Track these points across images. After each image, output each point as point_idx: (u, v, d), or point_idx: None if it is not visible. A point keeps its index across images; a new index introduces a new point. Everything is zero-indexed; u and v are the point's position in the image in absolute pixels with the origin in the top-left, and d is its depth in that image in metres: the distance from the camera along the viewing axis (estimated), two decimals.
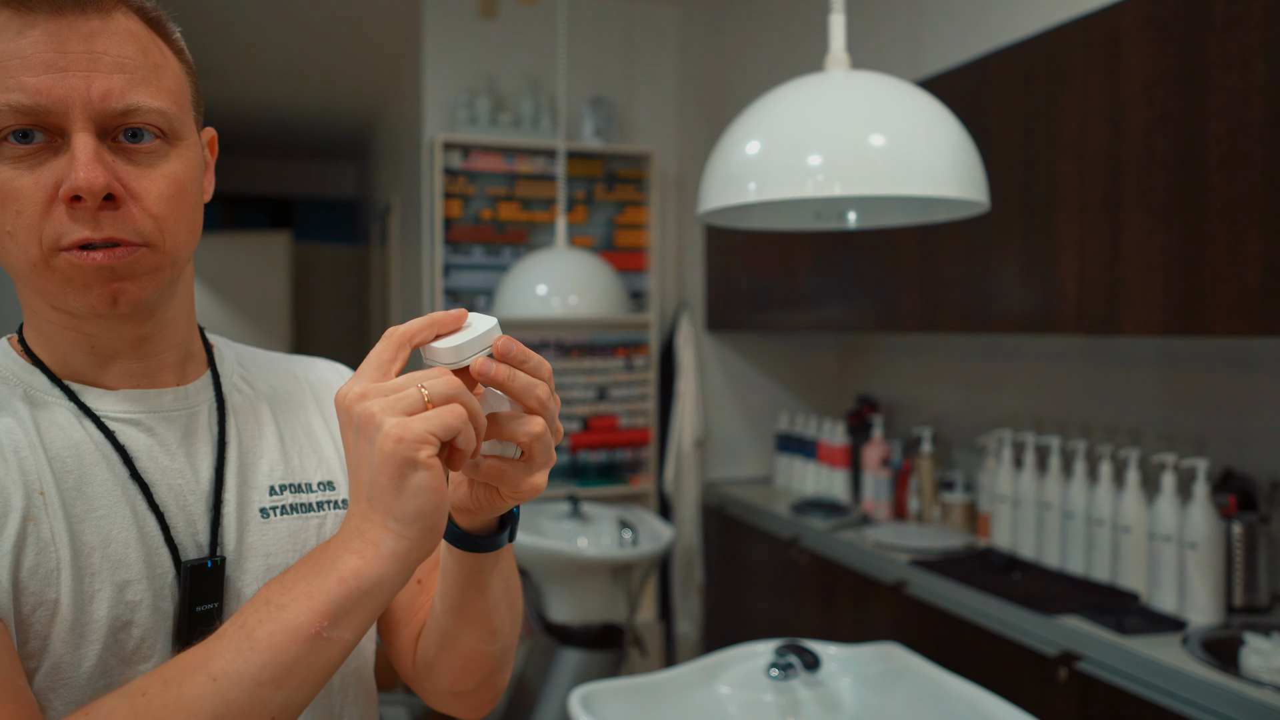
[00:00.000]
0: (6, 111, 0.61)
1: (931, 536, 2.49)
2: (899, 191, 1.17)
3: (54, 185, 0.63)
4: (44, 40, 0.62)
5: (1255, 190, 1.55)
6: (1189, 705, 1.55)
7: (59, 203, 0.63)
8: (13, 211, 0.63)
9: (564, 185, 3.12)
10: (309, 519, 0.77)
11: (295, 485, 0.78)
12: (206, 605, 0.69)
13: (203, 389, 0.77)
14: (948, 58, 2.39)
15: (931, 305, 2.33)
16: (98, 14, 0.64)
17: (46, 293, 0.66)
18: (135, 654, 0.66)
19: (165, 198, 0.66)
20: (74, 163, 0.62)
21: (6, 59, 0.62)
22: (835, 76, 1.27)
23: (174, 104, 0.68)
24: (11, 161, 0.62)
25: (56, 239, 0.63)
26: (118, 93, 0.63)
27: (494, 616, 0.76)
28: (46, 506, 0.65)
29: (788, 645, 1.59)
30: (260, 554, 0.74)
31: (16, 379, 0.70)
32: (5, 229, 0.64)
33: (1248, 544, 1.83)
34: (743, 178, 1.24)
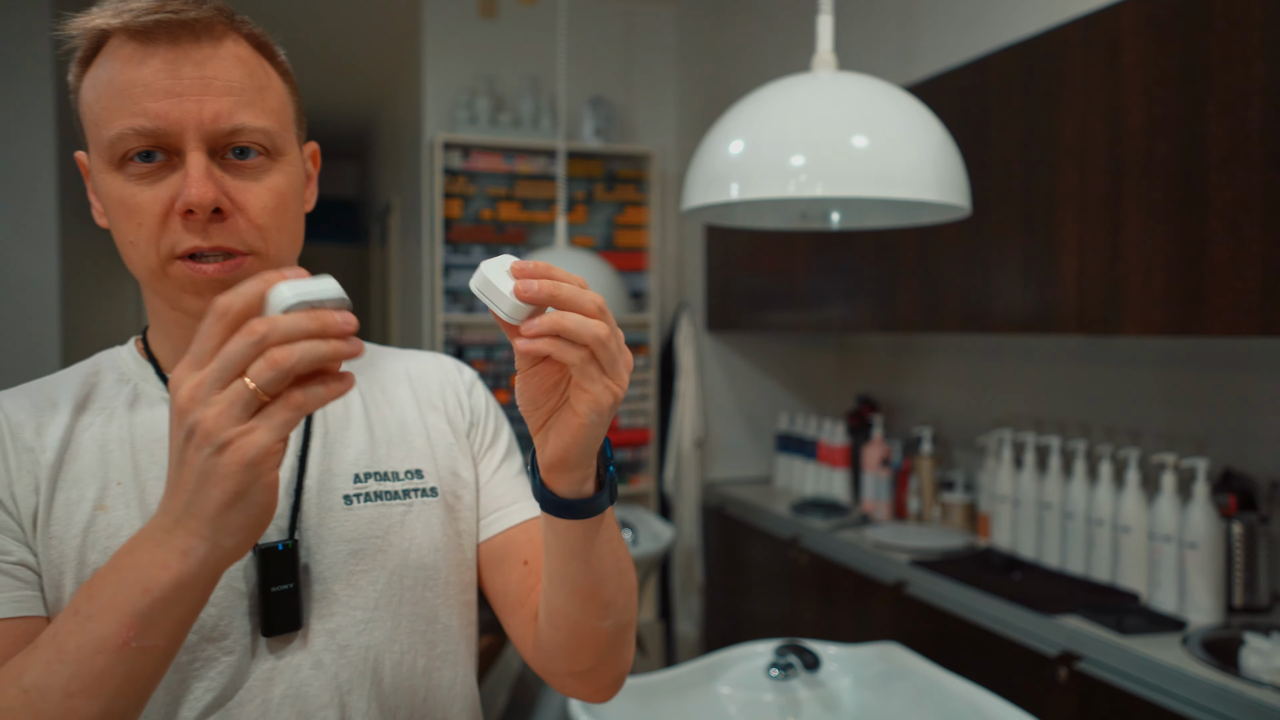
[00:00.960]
0: (130, 135, 0.68)
1: (931, 536, 2.49)
2: (881, 194, 1.17)
3: (170, 200, 0.69)
4: (163, 68, 0.68)
5: (1255, 190, 1.56)
6: (1189, 705, 1.55)
7: (174, 215, 0.69)
8: (135, 224, 0.70)
9: (564, 185, 3.12)
10: (393, 506, 0.80)
11: (381, 474, 0.81)
12: (282, 586, 0.72)
13: None
14: (946, 58, 2.39)
15: (931, 305, 2.33)
16: (210, 42, 0.70)
17: (165, 295, 0.73)
18: (214, 631, 0.71)
19: (268, 209, 0.72)
20: (187, 179, 0.68)
21: (130, 86, 0.68)
22: (821, 77, 1.27)
23: (277, 122, 0.74)
24: (134, 178, 0.69)
25: (172, 248, 0.70)
26: (226, 114, 0.69)
27: (603, 589, 0.75)
28: (123, 495, 0.71)
29: (788, 645, 1.59)
30: (342, 539, 0.77)
31: (131, 375, 0.78)
32: (129, 239, 0.71)
33: (1247, 544, 1.83)
34: (726, 177, 1.25)
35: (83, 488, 0.71)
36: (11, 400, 0.75)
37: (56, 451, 0.72)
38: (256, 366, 0.53)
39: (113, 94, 0.69)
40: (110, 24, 0.69)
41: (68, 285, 3.20)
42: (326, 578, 0.75)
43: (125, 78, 0.68)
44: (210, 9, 0.71)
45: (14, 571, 0.68)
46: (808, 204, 1.53)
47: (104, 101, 0.69)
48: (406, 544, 0.79)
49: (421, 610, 0.80)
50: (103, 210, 0.75)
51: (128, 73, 0.68)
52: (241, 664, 0.71)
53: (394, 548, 0.78)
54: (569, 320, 0.59)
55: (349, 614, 0.75)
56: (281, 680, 0.72)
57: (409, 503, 0.81)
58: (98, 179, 0.72)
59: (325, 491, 0.77)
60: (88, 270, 3.53)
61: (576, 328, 0.59)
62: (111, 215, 0.72)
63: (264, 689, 0.72)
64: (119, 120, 0.68)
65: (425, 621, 0.80)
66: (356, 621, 0.76)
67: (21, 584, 0.68)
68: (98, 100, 0.70)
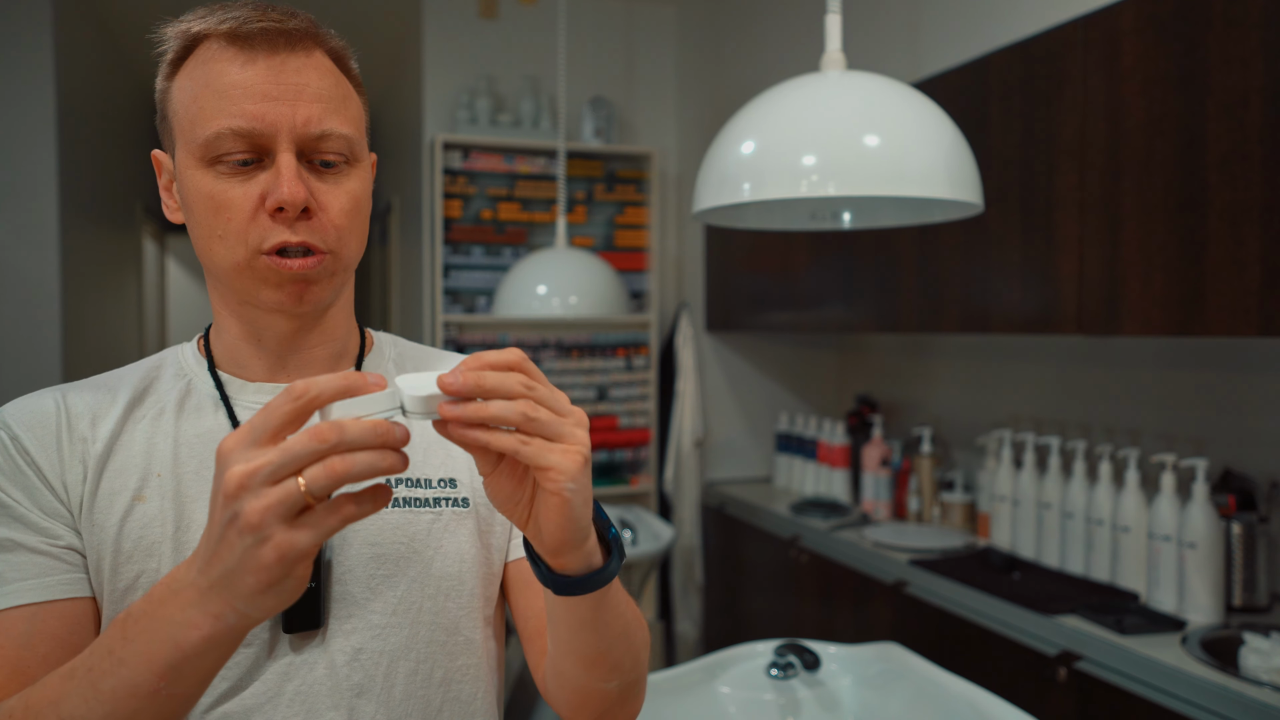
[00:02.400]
0: (228, 135, 0.71)
1: (931, 536, 2.49)
2: (893, 192, 1.17)
3: (260, 197, 0.72)
4: (262, 73, 0.72)
5: (1254, 190, 1.56)
6: (1188, 705, 1.55)
7: (263, 212, 0.73)
8: (224, 218, 0.73)
9: (564, 185, 3.12)
10: (421, 514, 0.80)
11: (413, 480, 0.81)
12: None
13: None
14: (947, 58, 2.39)
15: (931, 305, 2.33)
16: (303, 51, 0.75)
17: (242, 289, 0.75)
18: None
19: (346, 211, 0.76)
20: (279, 179, 0.72)
21: (230, 89, 0.72)
22: (831, 77, 1.27)
23: (356, 130, 0.78)
24: (227, 176, 0.73)
25: (259, 243, 0.73)
26: (316, 119, 0.73)
27: (611, 654, 0.74)
28: (160, 488, 0.75)
29: (788, 645, 1.59)
30: (367, 542, 0.77)
31: (188, 371, 0.81)
32: (217, 233, 0.73)
33: (1247, 544, 1.83)
34: (737, 177, 1.24)
35: (125, 478, 0.75)
36: (76, 392, 0.79)
37: (106, 442, 0.76)
38: (314, 471, 0.53)
39: (211, 95, 0.72)
40: (212, 29, 0.73)
41: (68, 285, 3.20)
42: (347, 580, 0.76)
43: (225, 81, 0.72)
44: (304, 21, 0.76)
45: (63, 555, 0.72)
46: (818, 204, 1.53)
47: (201, 102, 0.73)
48: (431, 553, 0.79)
49: (442, 621, 0.80)
50: (179, 206, 0.78)
51: (227, 76, 0.72)
52: (259, 657, 0.73)
53: (418, 555, 0.79)
54: (491, 408, 0.57)
55: (366, 618, 0.76)
56: (295, 677, 0.74)
57: (438, 511, 0.81)
58: (185, 175, 0.74)
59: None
60: (88, 270, 3.53)
61: (499, 412, 0.57)
62: (198, 210, 0.74)
63: (278, 684, 0.73)
64: (217, 120, 0.72)
65: (446, 633, 0.80)
66: (373, 626, 0.76)
67: (70, 567, 0.72)
68: (194, 100, 0.73)
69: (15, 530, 0.71)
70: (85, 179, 3.50)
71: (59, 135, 3.10)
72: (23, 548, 0.71)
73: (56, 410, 0.76)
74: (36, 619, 0.70)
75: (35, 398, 0.78)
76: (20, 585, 0.70)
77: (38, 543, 0.72)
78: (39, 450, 0.74)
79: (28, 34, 3.03)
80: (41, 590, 0.71)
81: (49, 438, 0.75)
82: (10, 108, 3.03)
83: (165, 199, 0.81)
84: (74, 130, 3.33)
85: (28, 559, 0.71)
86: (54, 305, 3.09)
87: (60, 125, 3.11)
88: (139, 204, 4.63)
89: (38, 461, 0.74)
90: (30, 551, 0.71)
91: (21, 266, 3.06)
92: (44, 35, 3.05)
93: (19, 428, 0.75)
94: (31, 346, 3.05)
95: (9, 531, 0.71)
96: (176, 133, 0.75)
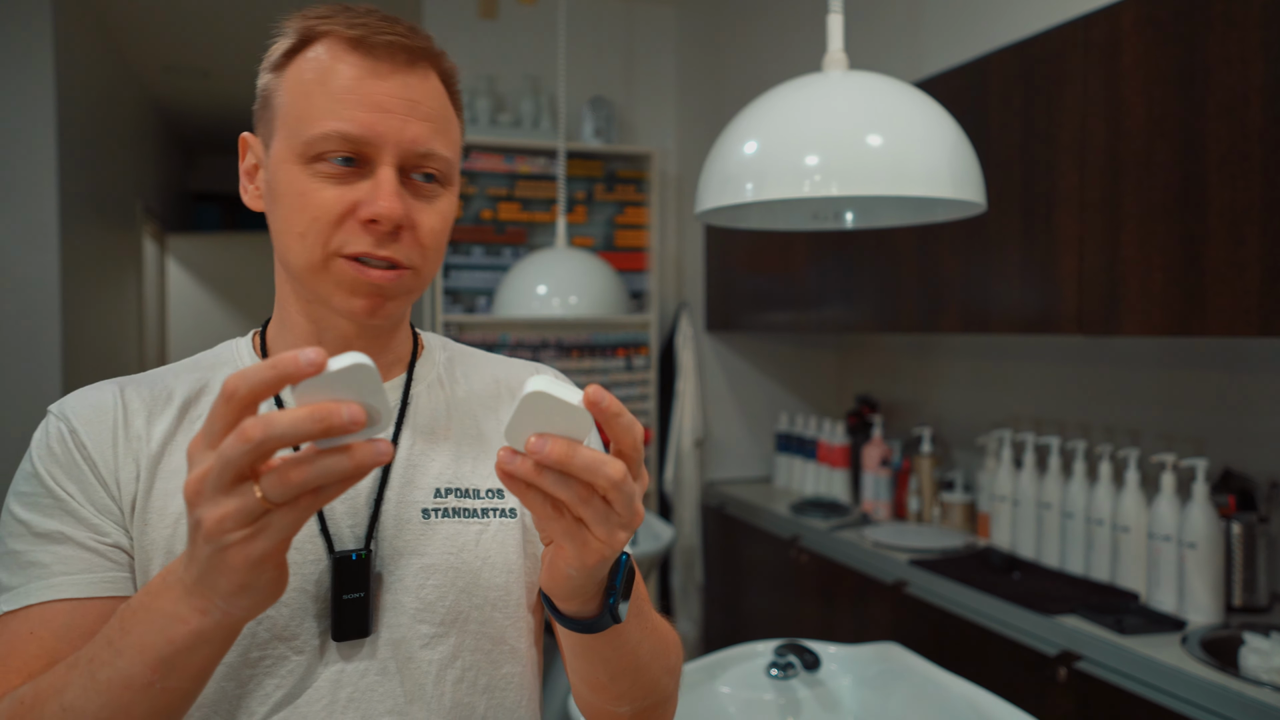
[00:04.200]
0: (334, 137, 0.72)
1: (931, 536, 2.49)
2: (896, 192, 1.17)
3: (352, 204, 0.73)
4: (380, 84, 0.73)
5: (1254, 191, 1.56)
6: (1188, 705, 1.55)
7: (352, 219, 0.73)
8: (310, 217, 0.73)
9: (564, 185, 3.12)
10: (469, 524, 0.80)
11: (462, 490, 0.81)
12: (353, 594, 0.75)
13: (389, 391, 0.83)
14: (947, 58, 2.39)
15: (931, 305, 2.33)
16: (421, 72, 0.76)
17: (314, 289, 0.75)
18: (285, 630, 0.73)
19: (434, 231, 0.77)
20: (378, 192, 0.72)
21: (346, 93, 0.72)
22: (833, 77, 1.27)
23: (454, 154, 0.79)
24: (323, 176, 0.73)
25: (340, 247, 0.73)
26: (423, 139, 0.74)
27: (615, 685, 0.76)
28: None
29: (788, 645, 1.59)
30: (415, 553, 0.78)
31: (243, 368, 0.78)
32: (297, 231, 0.73)
33: (1247, 544, 1.83)
34: (740, 178, 1.24)
35: (179, 480, 0.74)
36: (134, 387, 0.78)
37: (160, 443, 0.75)
38: (269, 480, 0.51)
39: (324, 95, 0.73)
40: (338, 30, 0.74)
41: (68, 285, 3.20)
42: (397, 589, 0.77)
43: (340, 83, 0.73)
44: (425, 39, 0.77)
45: (108, 553, 0.72)
46: (820, 204, 1.52)
47: (313, 99, 0.73)
48: (479, 563, 0.80)
49: (489, 630, 0.80)
50: (261, 193, 0.78)
51: (344, 79, 0.73)
52: (311, 664, 0.74)
53: (466, 566, 0.79)
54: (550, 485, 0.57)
55: (415, 627, 0.77)
56: (348, 684, 0.75)
57: (486, 522, 0.81)
58: (280, 168, 0.74)
59: (404, 505, 0.79)
60: (88, 270, 3.53)
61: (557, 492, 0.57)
62: (285, 204, 0.74)
63: (331, 691, 0.74)
64: (326, 121, 0.72)
65: (492, 642, 0.80)
66: (422, 635, 0.77)
67: (113, 565, 0.72)
68: (305, 96, 0.73)
69: (66, 524, 0.71)
70: (85, 179, 3.50)
71: (59, 135, 3.10)
72: (71, 541, 0.71)
73: (115, 405, 0.76)
74: (76, 613, 0.70)
75: (95, 390, 0.77)
76: (64, 579, 0.70)
77: (86, 538, 0.71)
78: (95, 445, 0.74)
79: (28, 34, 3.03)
80: (84, 586, 0.70)
81: (105, 433, 0.74)
82: (10, 108, 3.03)
83: (245, 183, 0.80)
84: (74, 130, 3.33)
85: (75, 553, 0.71)
86: (54, 305, 3.09)
87: (60, 125, 3.11)
88: (139, 204, 4.63)
89: (93, 456, 0.73)
90: (78, 546, 0.71)
91: (21, 266, 3.06)
92: (44, 35, 3.05)
93: (77, 421, 0.74)
94: (31, 347, 3.05)
95: (59, 524, 0.71)
96: (279, 122, 0.75)
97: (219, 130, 5.96)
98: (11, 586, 0.70)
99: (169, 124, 5.69)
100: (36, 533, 0.71)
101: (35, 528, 0.71)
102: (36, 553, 0.71)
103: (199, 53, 4.30)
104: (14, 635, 0.69)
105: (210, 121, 5.71)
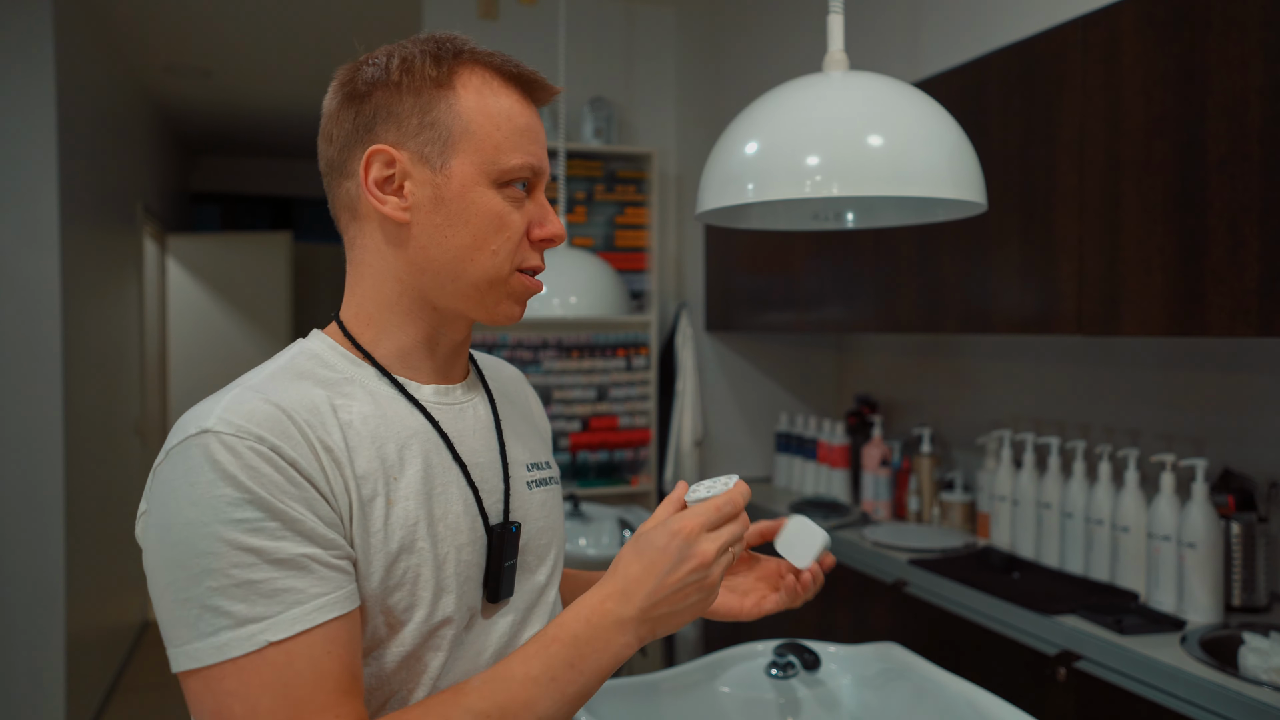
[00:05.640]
0: (525, 168, 0.83)
1: (931, 536, 2.49)
2: (897, 192, 1.17)
3: (526, 224, 0.85)
4: (536, 119, 0.86)
5: (1254, 191, 1.56)
6: (1187, 704, 1.55)
7: (526, 237, 0.85)
8: (504, 237, 0.83)
9: (564, 185, 3.12)
10: (551, 491, 0.95)
11: (540, 463, 0.96)
12: (510, 561, 0.86)
13: (475, 384, 0.93)
14: (947, 58, 2.39)
15: (931, 305, 2.33)
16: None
17: (479, 299, 0.84)
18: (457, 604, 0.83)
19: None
20: (549, 215, 0.86)
21: (528, 129, 0.84)
22: (833, 77, 1.27)
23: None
24: (511, 201, 0.83)
25: (523, 261, 0.85)
26: (549, 164, 0.85)
27: None
28: (402, 490, 0.79)
29: (787, 645, 1.59)
30: (531, 519, 0.91)
31: (345, 371, 0.83)
32: (491, 247, 0.82)
33: (1246, 544, 1.83)
34: (741, 178, 1.24)
35: (373, 483, 0.77)
36: (278, 398, 0.75)
37: (343, 449, 0.76)
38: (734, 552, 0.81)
39: (514, 130, 0.83)
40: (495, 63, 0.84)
41: (68, 285, 3.20)
42: (526, 551, 0.90)
43: (523, 120, 0.84)
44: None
45: (344, 567, 0.74)
46: (821, 204, 1.53)
47: (504, 133, 0.82)
48: (557, 523, 0.95)
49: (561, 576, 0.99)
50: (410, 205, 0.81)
51: (523, 115, 0.84)
52: (467, 625, 0.84)
53: (556, 526, 0.95)
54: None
55: (535, 579, 0.91)
56: (496, 637, 0.85)
57: (552, 489, 0.96)
58: (470, 191, 0.81)
59: (518, 479, 0.90)
60: (88, 271, 3.53)
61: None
62: (477, 223, 0.82)
63: (479, 645, 0.84)
64: (520, 155, 0.83)
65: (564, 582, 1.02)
66: (537, 587, 0.91)
67: (350, 578, 0.74)
68: (496, 128, 0.82)
69: (306, 545, 0.71)
70: (85, 179, 3.50)
71: (59, 136, 3.10)
72: (318, 561, 0.71)
73: (287, 419, 0.73)
74: (348, 627, 0.72)
75: (248, 404, 0.73)
76: (329, 598, 0.71)
77: (327, 556, 0.72)
78: (302, 460, 0.72)
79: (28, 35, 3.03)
80: (345, 602, 0.72)
81: (302, 445, 0.73)
82: (11, 108, 3.03)
83: (382, 194, 0.81)
84: (74, 131, 3.33)
85: (327, 573, 0.71)
86: (54, 306, 3.09)
87: (60, 126, 3.11)
88: (139, 204, 4.63)
89: (307, 471, 0.72)
90: (325, 565, 0.71)
91: (22, 267, 3.06)
92: (44, 36, 3.05)
93: (273, 437, 0.71)
94: (31, 347, 3.05)
95: (300, 547, 0.70)
96: (464, 146, 0.81)
97: (219, 130, 5.96)
98: (264, 616, 0.68)
99: (169, 124, 5.69)
100: (276, 559, 0.69)
101: (272, 554, 0.69)
102: (284, 579, 0.69)
103: (199, 53, 4.30)
104: (310, 657, 0.69)
105: (210, 121, 5.70)
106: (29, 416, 3.03)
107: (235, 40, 4.11)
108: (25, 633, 3.06)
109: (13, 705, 3.05)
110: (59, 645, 3.10)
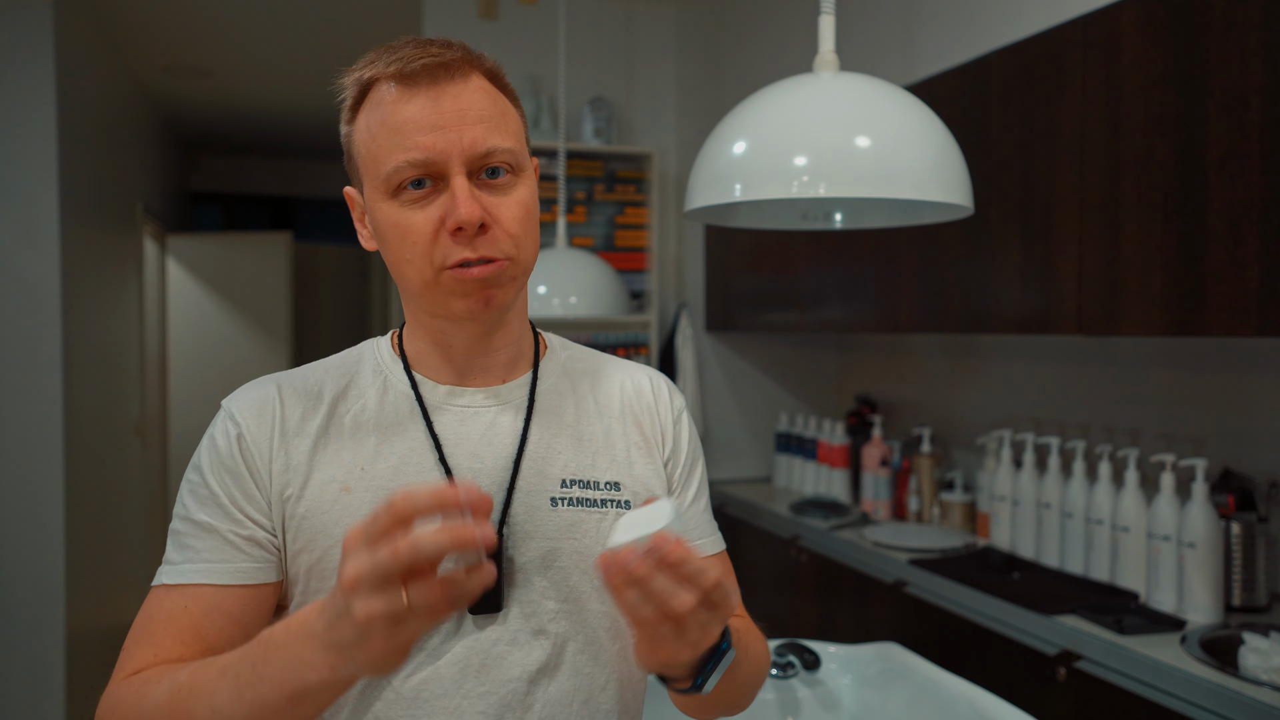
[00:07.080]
0: (405, 167, 0.79)
1: (931, 536, 2.49)
2: (883, 194, 1.17)
3: (439, 219, 0.80)
4: (426, 105, 0.80)
5: (1253, 190, 1.56)
6: (1187, 704, 1.55)
7: (444, 232, 0.80)
8: (410, 243, 0.81)
9: (564, 185, 3.12)
10: (590, 513, 0.88)
11: (584, 481, 0.89)
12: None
13: (518, 388, 0.91)
14: (946, 58, 2.39)
15: (931, 305, 2.33)
16: (460, 78, 0.81)
17: (431, 304, 0.84)
18: None
19: (518, 219, 0.83)
20: (455, 201, 0.79)
21: (403, 124, 0.79)
22: (823, 78, 1.27)
23: (517, 143, 0.84)
24: (408, 204, 0.80)
25: (443, 260, 0.80)
26: (481, 139, 0.80)
27: (715, 707, 0.88)
28: (364, 479, 0.83)
29: (788, 645, 1.60)
30: (543, 537, 0.86)
31: (384, 368, 0.90)
32: (405, 257, 0.82)
33: (1246, 544, 1.83)
34: (728, 177, 1.25)
35: (334, 470, 0.83)
36: (289, 385, 0.87)
37: (314, 438, 0.84)
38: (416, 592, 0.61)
39: (387, 133, 0.80)
40: (381, 73, 0.81)
41: (68, 286, 3.20)
42: (528, 569, 0.85)
43: (398, 118, 0.80)
44: (459, 50, 0.82)
45: (244, 546, 0.81)
46: (809, 204, 1.53)
47: (379, 141, 0.80)
48: (598, 548, 0.86)
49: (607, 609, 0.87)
50: (371, 235, 0.87)
51: (400, 114, 0.80)
52: (447, 635, 0.82)
53: (587, 550, 0.87)
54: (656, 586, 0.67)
55: (543, 603, 0.85)
56: (480, 652, 0.82)
57: (604, 511, 0.88)
58: (374, 208, 0.83)
59: (534, 493, 0.86)
60: (88, 271, 3.53)
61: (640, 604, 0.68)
62: (387, 238, 0.82)
63: (464, 657, 0.82)
64: (394, 155, 0.79)
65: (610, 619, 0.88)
66: (549, 610, 0.85)
67: (247, 557, 0.81)
68: (373, 140, 0.81)
69: (215, 516, 0.81)
70: (85, 179, 3.50)
71: (59, 136, 3.10)
72: (216, 533, 0.81)
73: (275, 402, 0.85)
74: (218, 596, 0.80)
75: (259, 387, 0.86)
76: (209, 566, 0.80)
77: (228, 531, 0.81)
78: (256, 443, 0.83)
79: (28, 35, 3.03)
80: (227, 574, 0.80)
81: (266, 429, 0.83)
82: (11, 108, 3.03)
83: (360, 230, 0.89)
84: (74, 131, 3.33)
85: (219, 544, 0.81)
86: (54, 306, 3.09)
87: (61, 126, 3.11)
88: (139, 204, 4.63)
89: (253, 452, 0.82)
90: (221, 539, 0.81)
91: (22, 267, 3.06)
92: (44, 36, 3.05)
93: (244, 419, 0.83)
94: (31, 347, 3.05)
95: (209, 516, 0.81)
96: (363, 171, 0.83)
97: (219, 131, 5.96)
98: (174, 562, 0.81)
99: (169, 124, 5.69)
100: (193, 519, 0.82)
101: (193, 514, 0.82)
102: (190, 538, 0.81)
103: (199, 53, 4.30)
104: (172, 606, 0.80)
105: (210, 122, 5.70)
106: (29, 416, 3.03)
107: (235, 40, 4.11)
108: (25, 632, 3.06)
109: (13, 705, 3.05)
110: (59, 645, 3.10)
